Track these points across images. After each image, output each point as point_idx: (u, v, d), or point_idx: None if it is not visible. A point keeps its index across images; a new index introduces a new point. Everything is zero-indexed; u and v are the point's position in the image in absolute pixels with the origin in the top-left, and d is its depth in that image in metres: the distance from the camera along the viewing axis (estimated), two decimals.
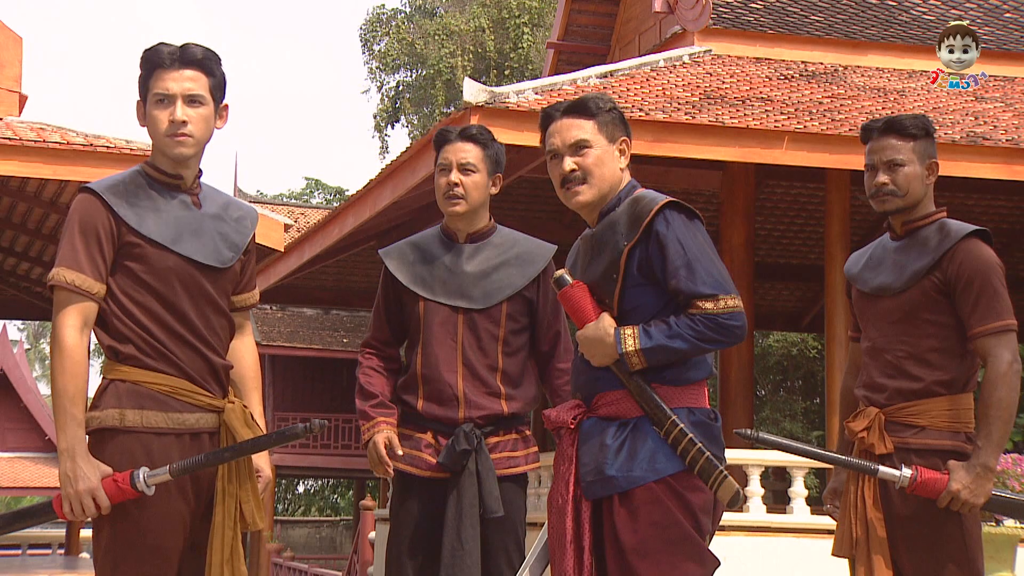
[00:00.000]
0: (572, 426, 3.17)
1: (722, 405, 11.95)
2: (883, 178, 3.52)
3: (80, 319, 2.96)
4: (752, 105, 10.84)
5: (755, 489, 10.14)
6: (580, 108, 3.24)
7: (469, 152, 3.88)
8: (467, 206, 3.87)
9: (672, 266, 3.07)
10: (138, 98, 3.13)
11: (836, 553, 3.57)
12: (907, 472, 3.35)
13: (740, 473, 10.53)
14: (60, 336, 2.94)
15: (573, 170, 3.20)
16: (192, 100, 3.07)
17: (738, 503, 3.14)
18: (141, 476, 2.91)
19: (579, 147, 3.20)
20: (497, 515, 3.75)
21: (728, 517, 10.18)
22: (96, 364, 26.38)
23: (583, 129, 3.21)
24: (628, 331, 3.07)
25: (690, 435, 3.07)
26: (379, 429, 3.84)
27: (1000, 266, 3.46)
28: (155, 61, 3.09)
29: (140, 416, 2.97)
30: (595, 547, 3.11)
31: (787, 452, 3.40)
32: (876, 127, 3.57)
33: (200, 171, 3.18)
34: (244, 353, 3.31)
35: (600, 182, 3.21)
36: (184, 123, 3.05)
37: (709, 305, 3.05)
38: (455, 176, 3.86)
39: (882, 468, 3.37)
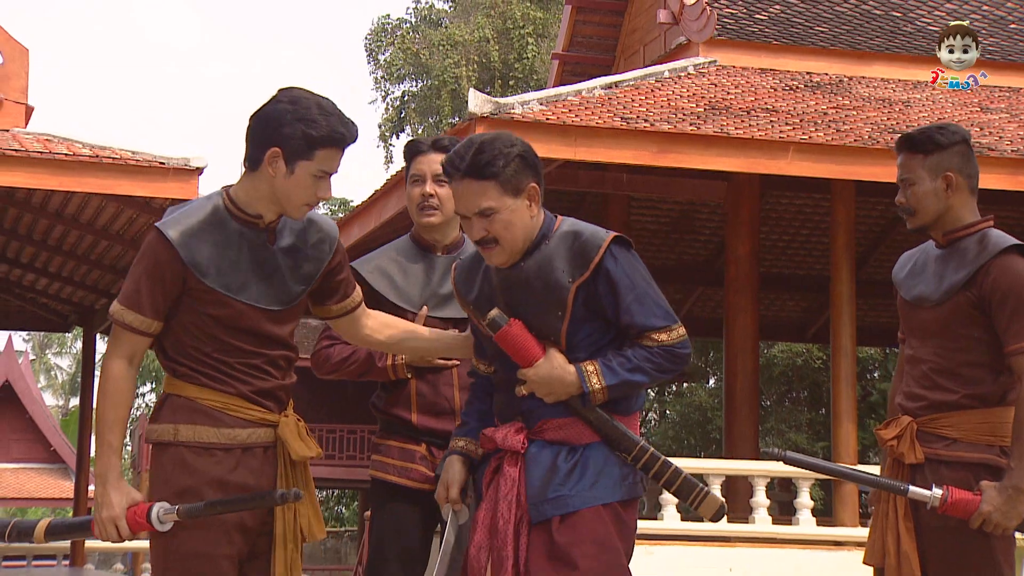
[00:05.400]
0: (522, 450, 3.13)
1: (727, 416, 11.93)
2: (899, 197, 3.51)
3: (131, 351, 3.05)
4: (757, 116, 10.84)
5: (760, 500, 10.13)
6: (477, 170, 3.07)
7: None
8: (442, 217, 3.86)
9: (624, 302, 3.08)
10: (276, 148, 2.99)
11: (867, 562, 3.57)
12: (938, 492, 3.32)
13: (746, 484, 10.52)
14: (109, 365, 3.03)
15: (484, 236, 3.10)
16: (327, 176, 3.06)
17: (722, 517, 3.15)
18: (155, 512, 2.98)
19: (483, 214, 3.09)
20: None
21: (734, 528, 10.16)
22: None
23: (486, 196, 3.07)
24: (590, 367, 3.08)
25: (662, 458, 3.10)
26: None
27: None
28: (335, 140, 3.03)
29: (193, 431, 3.03)
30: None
31: (816, 471, 3.38)
32: (897, 143, 3.55)
33: None
34: (383, 318, 3.42)
35: (513, 241, 3.12)
36: (328, 194, 3.09)
37: (663, 336, 3.09)
38: (430, 187, 3.84)
39: (912, 488, 3.35)
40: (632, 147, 10.12)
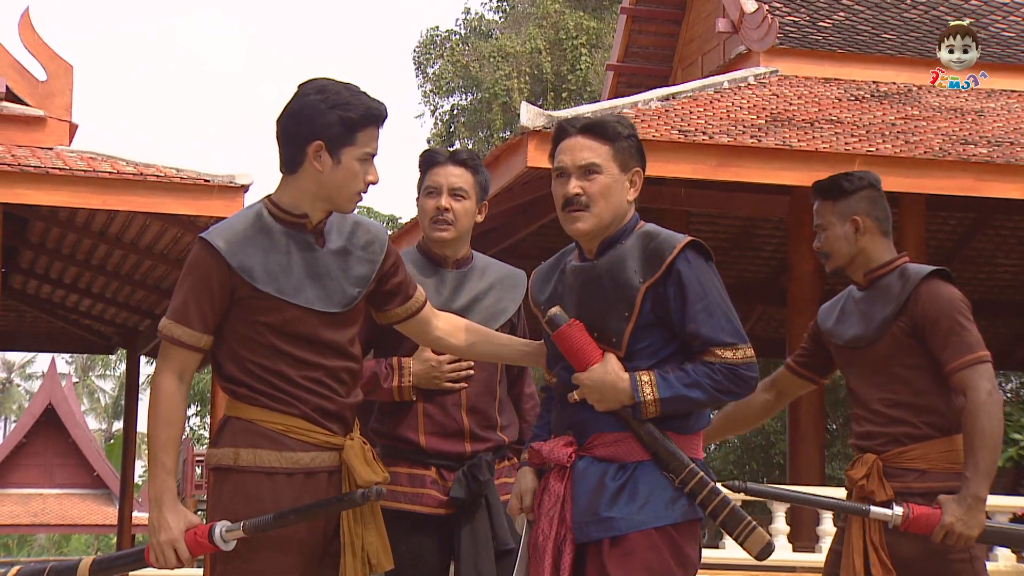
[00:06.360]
0: (568, 464, 3.02)
1: (792, 440, 11.65)
2: (815, 242, 3.71)
3: (182, 368, 2.99)
4: (821, 127, 10.64)
5: (827, 529, 9.85)
6: (595, 130, 3.07)
7: (460, 177, 3.81)
8: (455, 232, 3.80)
9: (692, 309, 2.99)
10: (318, 141, 2.96)
11: None
12: (899, 510, 3.39)
13: (811, 512, 10.27)
14: (159, 384, 2.98)
15: (577, 194, 3.05)
16: (371, 156, 3.03)
17: (769, 555, 2.97)
18: (218, 531, 2.90)
19: (588, 171, 3.05)
20: (510, 547, 3.66)
21: (799, 558, 9.90)
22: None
23: (597, 153, 3.06)
24: (645, 377, 2.97)
25: (711, 484, 2.99)
26: (406, 363, 3.71)
27: (964, 301, 3.56)
28: (372, 118, 3.01)
29: (254, 455, 2.96)
30: None
31: (777, 500, 3.24)
32: (811, 190, 3.75)
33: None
34: (456, 321, 3.34)
35: (604, 211, 3.05)
36: (376, 182, 3.05)
37: (728, 354, 2.98)
38: (445, 201, 3.78)
39: (873, 508, 3.42)
40: (690, 161, 9.98)
